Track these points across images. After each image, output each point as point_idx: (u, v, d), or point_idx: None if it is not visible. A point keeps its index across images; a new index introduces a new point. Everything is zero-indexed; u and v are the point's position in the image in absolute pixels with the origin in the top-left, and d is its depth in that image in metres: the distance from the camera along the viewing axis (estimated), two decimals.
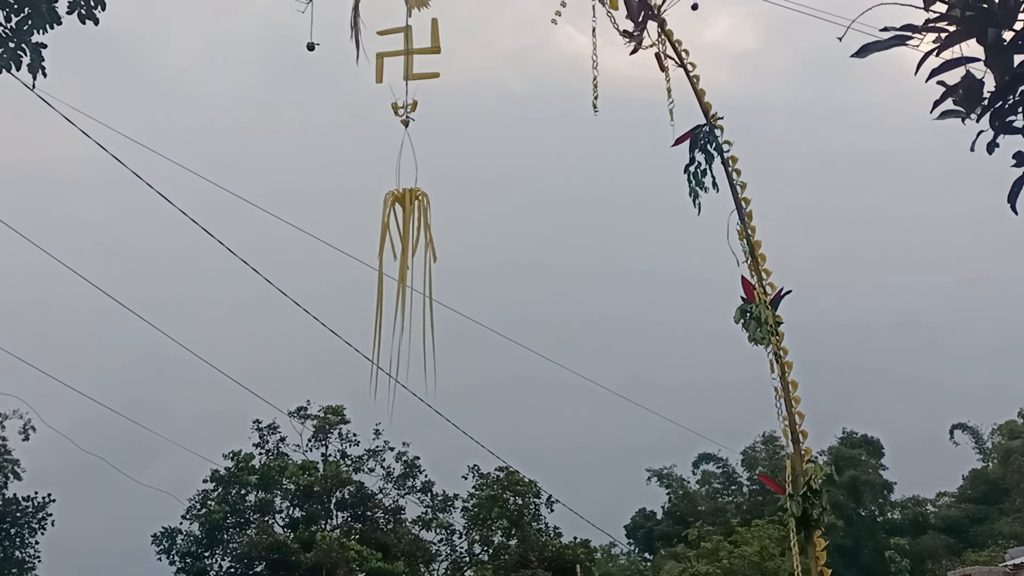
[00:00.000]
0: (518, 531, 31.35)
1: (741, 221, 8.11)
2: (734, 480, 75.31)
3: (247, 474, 30.87)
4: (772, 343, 8.18)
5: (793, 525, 8.32)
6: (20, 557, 33.81)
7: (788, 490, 8.20)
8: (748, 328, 8.30)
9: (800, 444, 8.24)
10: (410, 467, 32.69)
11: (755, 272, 8.16)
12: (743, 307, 8.19)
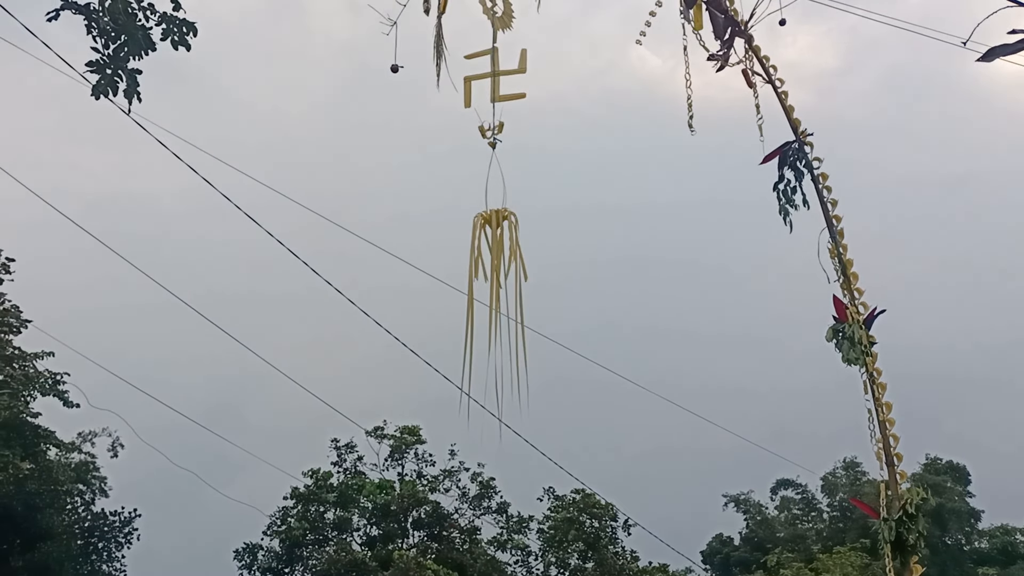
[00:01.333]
0: (595, 554, 31.11)
1: (832, 239, 7.99)
2: (814, 506, 73.74)
3: (326, 492, 31.25)
4: (866, 364, 8.02)
5: (888, 551, 8.10)
6: (107, 571, 34.67)
7: (882, 514, 8.01)
8: (841, 348, 8.16)
9: (895, 467, 8.06)
10: (485, 488, 32.74)
11: (847, 291, 8.04)
12: (835, 327, 8.05)
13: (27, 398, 33.84)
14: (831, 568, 41.22)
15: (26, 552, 29.66)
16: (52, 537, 30.46)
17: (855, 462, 72.05)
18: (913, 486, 8.04)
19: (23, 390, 32.49)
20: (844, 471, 71.88)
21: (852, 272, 8.05)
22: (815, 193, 8.05)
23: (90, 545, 33.88)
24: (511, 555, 32.56)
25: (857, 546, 47.06)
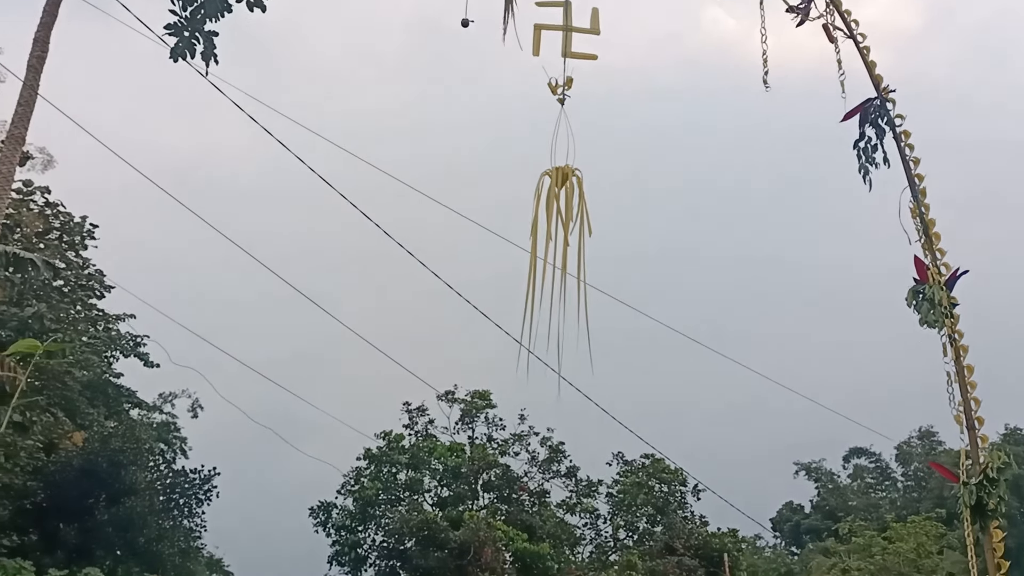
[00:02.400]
0: (663, 518, 31.16)
1: (914, 198, 7.81)
2: (887, 475, 72.76)
3: (398, 453, 31.74)
4: (946, 326, 7.86)
5: (967, 515, 7.96)
6: (188, 526, 35.81)
7: (962, 478, 7.87)
8: (920, 310, 7.99)
9: (976, 431, 7.89)
10: (555, 452, 32.93)
11: (929, 252, 7.86)
12: (915, 288, 7.88)
13: (110, 359, 34.94)
14: (905, 537, 40.57)
15: (111, 507, 30.69)
16: (135, 493, 31.46)
17: (930, 431, 70.83)
18: (995, 450, 7.86)
19: (106, 351, 33.52)
20: (919, 440, 70.73)
21: (934, 232, 7.86)
22: (896, 151, 7.86)
23: (172, 501, 34.95)
24: (580, 518, 32.82)
25: (932, 515, 46.29)
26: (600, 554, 31.05)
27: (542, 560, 28.94)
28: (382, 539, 30.23)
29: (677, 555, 29.27)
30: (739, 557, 32.10)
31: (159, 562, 32.84)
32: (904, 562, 39.42)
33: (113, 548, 31.07)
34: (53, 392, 27.09)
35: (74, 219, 29.34)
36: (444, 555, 28.28)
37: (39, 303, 24.56)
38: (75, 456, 30.00)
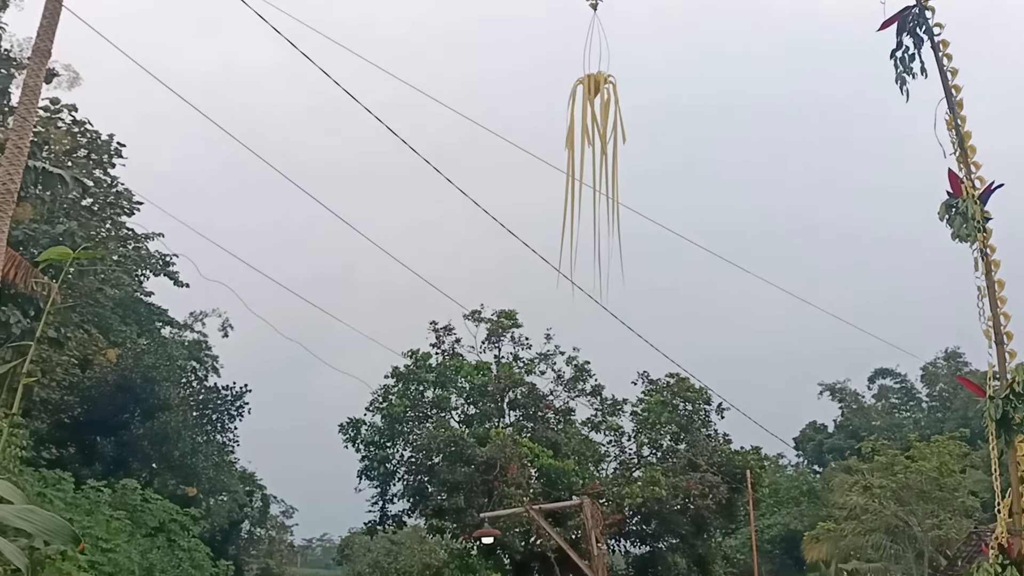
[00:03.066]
0: (687, 436, 31.46)
1: (951, 110, 7.66)
2: (912, 396, 73.00)
3: (425, 372, 32.11)
4: (979, 240, 7.78)
5: (992, 429, 7.99)
6: (221, 441, 36.72)
7: (988, 392, 7.88)
8: (952, 224, 7.91)
9: (1004, 345, 7.87)
10: (580, 371, 33.16)
11: (963, 165, 7.74)
12: (948, 202, 7.78)
13: (140, 278, 35.34)
14: (928, 456, 40.78)
15: (146, 421, 31.44)
16: (169, 408, 32.17)
17: (957, 352, 70.81)
18: (1022, 365, 7.85)
19: (137, 270, 33.90)
20: (945, 361, 70.71)
21: (969, 145, 7.74)
22: (934, 62, 7.70)
23: (205, 416, 35.76)
24: (604, 435, 33.16)
25: (956, 435, 46.48)
26: (624, 470, 31.43)
27: (567, 476, 29.42)
28: (410, 455, 30.80)
29: (700, 471, 29.66)
30: (761, 474, 32.45)
31: (193, 475, 33.73)
32: (926, 480, 39.70)
33: (149, 461, 31.92)
34: (86, 309, 27.52)
35: (101, 137, 29.44)
36: (471, 470, 28.81)
37: (69, 221, 24.79)
38: (109, 372, 30.63)
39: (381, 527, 32.05)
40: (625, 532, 30.53)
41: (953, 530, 38.73)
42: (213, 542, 35.59)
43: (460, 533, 29.39)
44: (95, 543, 19.32)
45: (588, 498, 12.63)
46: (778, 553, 59.91)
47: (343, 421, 31.71)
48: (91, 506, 21.54)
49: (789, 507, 61.14)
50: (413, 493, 30.64)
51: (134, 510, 24.67)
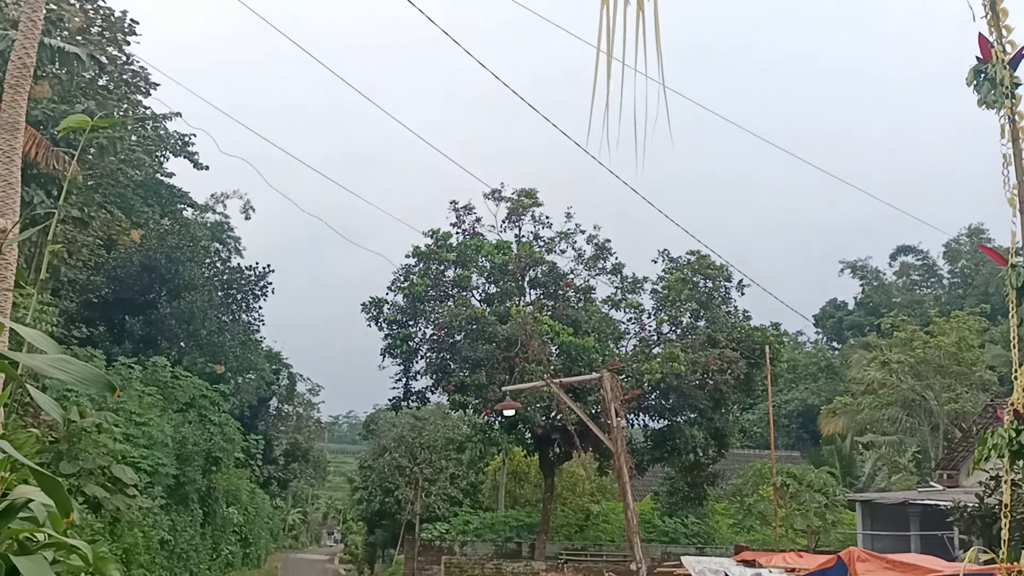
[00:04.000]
0: (707, 312, 31.60)
1: None
2: (934, 272, 72.91)
3: (445, 251, 32.24)
4: (1006, 106, 7.65)
5: (1013, 298, 8.00)
6: (247, 320, 37.37)
7: (1010, 260, 7.87)
8: (980, 90, 7.76)
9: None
10: (601, 249, 33.16)
11: (994, 28, 7.54)
12: (977, 67, 7.61)
13: (161, 159, 35.37)
14: (947, 332, 41.05)
15: (172, 300, 31.97)
16: (194, 288, 32.66)
17: (980, 228, 70.31)
18: None
19: (156, 151, 33.90)
20: (968, 237, 70.28)
21: (1001, 8, 7.52)
22: None
23: (229, 296, 36.31)
24: (624, 313, 33.34)
25: (976, 311, 46.63)
26: (643, 347, 31.75)
27: (587, 353, 29.80)
28: (432, 333, 31.20)
29: (719, 347, 29.94)
30: (780, 349, 32.69)
31: (221, 353, 34.48)
32: (945, 355, 40.09)
33: (177, 340, 32.59)
34: (108, 190, 27.69)
35: (114, 13, 29.03)
36: (492, 348, 29.24)
37: (87, 100, 24.70)
38: (134, 252, 31.03)
39: (405, 403, 32.75)
40: (644, 407, 31.05)
41: (969, 404, 39.28)
42: (242, 418, 36.66)
43: (482, 408, 29.97)
44: (129, 417, 19.93)
45: (608, 372, 12.82)
46: (795, 427, 61.05)
47: (365, 301, 32.07)
48: (123, 382, 22.12)
49: (807, 383, 61.99)
50: (436, 370, 31.14)
51: (165, 386, 25.33)
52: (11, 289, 3.92)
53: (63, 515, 2.90)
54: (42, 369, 2.39)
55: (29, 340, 2.38)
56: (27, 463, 2.57)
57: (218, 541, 33.32)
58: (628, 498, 11.64)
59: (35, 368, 2.40)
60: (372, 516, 46.14)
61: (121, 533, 16.46)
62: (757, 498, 32.97)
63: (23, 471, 4.43)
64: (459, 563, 29.60)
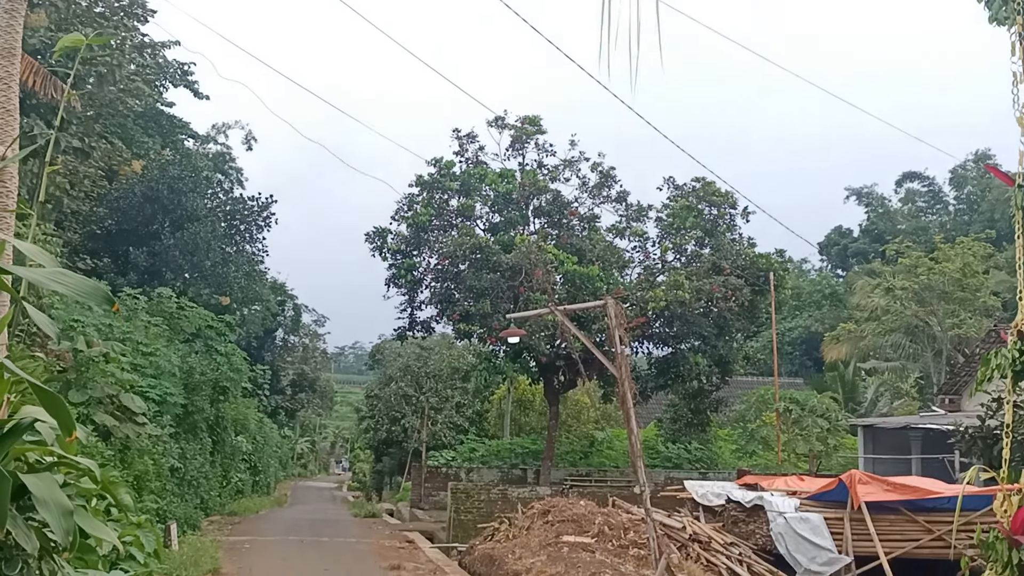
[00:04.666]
0: (711, 240, 31.51)
1: None
2: (939, 199, 72.54)
3: (449, 180, 32.04)
4: (1017, 23, 7.51)
5: (1019, 219, 7.94)
6: (251, 250, 37.35)
7: (1017, 181, 7.81)
8: (991, 7, 7.63)
9: None
10: (605, 177, 32.94)
11: None
12: None
13: (160, 88, 35.01)
14: (952, 258, 40.98)
15: (176, 231, 31.94)
16: (197, 219, 32.60)
17: (987, 154, 69.72)
18: None
19: (156, 80, 33.54)
20: (975, 163, 69.72)
21: None
22: None
23: (233, 227, 36.23)
24: (628, 242, 33.28)
25: (981, 236, 46.51)
26: (648, 275, 31.72)
27: (591, 281, 29.81)
28: (436, 262, 31.18)
29: (724, 275, 29.94)
30: (784, 276, 32.69)
31: (226, 284, 34.55)
32: (949, 281, 40.08)
33: (181, 271, 32.63)
34: (108, 120, 27.47)
35: None
36: (496, 277, 29.26)
37: (84, 27, 24.35)
38: (136, 183, 30.91)
39: (410, 333, 32.89)
40: (648, 335, 31.18)
41: (973, 329, 39.39)
42: (249, 349, 36.88)
43: (487, 337, 30.12)
44: (136, 347, 20.05)
45: (612, 299, 12.82)
46: (797, 355, 61.41)
47: (369, 231, 32.01)
48: (129, 313, 22.19)
49: (810, 310, 62.16)
50: (440, 300, 31.18)
51: (171, 317, 25.42)
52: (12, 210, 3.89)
53: (66, 433, 2.92)
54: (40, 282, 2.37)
55: (28, 255, 2.37)
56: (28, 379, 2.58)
57: (228, 469, 33.82)
58: (632, 423, 11.74)
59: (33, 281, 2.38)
60: (379, 444, 46.77)
61: (132, 460, 16.67)
62: (759, 424, 33.30)
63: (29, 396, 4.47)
64: (466, 489, 30.05)
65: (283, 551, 20.35)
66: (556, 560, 15.56)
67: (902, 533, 17.59)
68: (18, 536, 3.04)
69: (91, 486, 4.65)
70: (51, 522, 2.96)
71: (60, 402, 2.62)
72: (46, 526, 3.21)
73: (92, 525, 3.40)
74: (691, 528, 17.60)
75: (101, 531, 3.40)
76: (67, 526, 2.98)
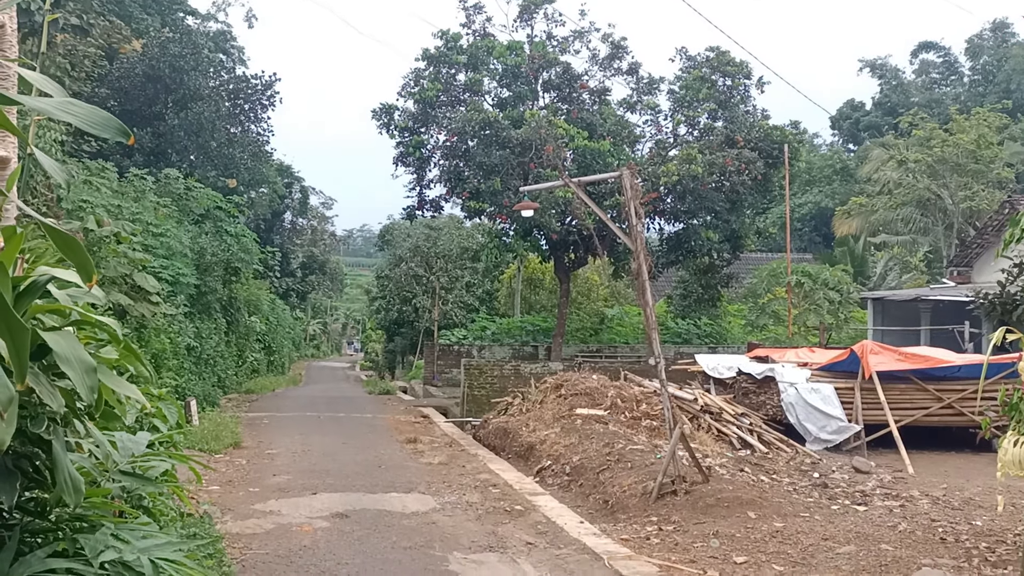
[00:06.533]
0: (725, 112, 30.87)
1: None
2: (955, 70, 70.99)
3: (456, 54, 31.28)
4: None
5: None
6: (255, 130, 36.88)
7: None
8: None
9: None
10: (616, 48, 32.12)
11: None
12: None
13: None
14: (967, 129, 40.34)
15: (179, 112, 31.47)
16: (201, 99, 32.07)
17: (1004, 23, 67.94)
18: None
19: None
20: (992, 33, 68.00)
21: None
22: None
23: (237, 107, 35.68)
24: (640, 115, 32.66)
25: (997, 107, 45.68)
26: (660, 150, 31.22)
27: (603, 157, 29.40)
28: (444, 139, 30.73)
29: (737, 148, 29.47)
30: (799, 148, 32.19)
31: (232, 166, 34.24)
32: (963, 153, 39.56)
33: (187, 153, 32.31)
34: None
35: None
36: (506, 153, 28.84)
37: None
38: (137, 62, 30.29)
39: (420, 212, 32.66)
40: (659, 210, 30.88)
41: (985, 202, 39.10)
42: (258, 232, 36.82)
43: (496, 215, 29.92)
44: (146, 228, 19.96)
45: (628, 170, 12.58)
46: (807, 231, 61.24)
47: (375, 107, 31.44)
48: (137, 194, 22.03)
49: (821, 185, 61.69)
50: (449, 178, 30.81)
51: (179, 198, 25.26)
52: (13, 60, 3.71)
53: (85, 278, 2.82)
54: (49, 112, 2.23)
55: (35, 84, 2.22)
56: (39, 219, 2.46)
57: (243, 349, 34.21)
58: (647, 296, 11.68)
59: (42, 111, 2.24)
60: (390, 324, 47.15)
61: (148, 339, 16.80)
62: (770, 298, 33.38)
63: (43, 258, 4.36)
64: (478, 365, 30.38)
65: (301, 426, 20.70)
66: (570, 432, 15.79)
67: (912, 401, 17.77)
68: (42, 394, 2.98)
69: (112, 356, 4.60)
70: (74, 379, 2.89)
71: (76, 244, 2.51)
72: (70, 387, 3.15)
73: (116, 382, 3.34)
74: (703, 400, 17.80)
75: (126, 388, 3.34)
76: (91, 383, 2.91)
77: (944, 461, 16.24)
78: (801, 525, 9.94)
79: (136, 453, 3.97)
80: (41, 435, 3.09)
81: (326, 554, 8.56)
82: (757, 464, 14.24)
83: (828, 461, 15.28)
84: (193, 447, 14.81)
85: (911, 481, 13.78)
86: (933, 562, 8.46)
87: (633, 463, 12.90)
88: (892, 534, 9.62)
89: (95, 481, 3.74)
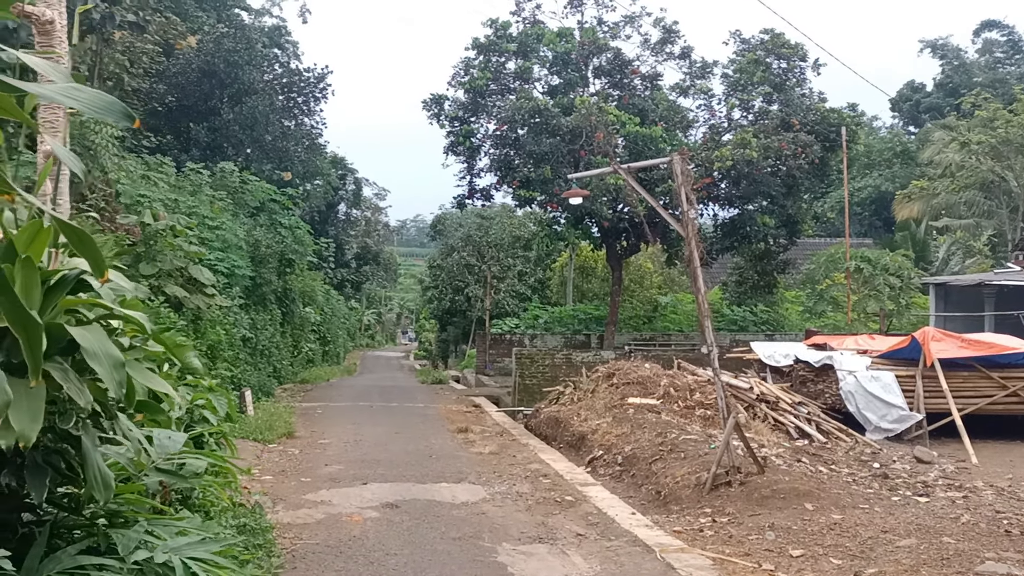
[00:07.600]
0: (780, 95, 30.30)
1: None
2: (1019, 49, 69.02)
3: (506, 42, 31.16)
4: None
5: None
6: (308, 123, 37.15)
7: None
8: None
9: None
10: (668, 33, 31.71)
11: None
12: None
13: None
14: None
15: (235, 106, 31.80)
16: (255, 93, 32.38)
17: None
18: None
19: None
20: None
21: None
22: None
23: (290, 100, 35.98)
24: (693, 100, 32.25)
25: None
26: (713, 135, 30.76)
27: (654, 143, 29.08)
28: (495, 128, 30.64)
29: (793, 131, 28.92)
30: (857, 131, 31.47)
31: (287, 159, 34.56)
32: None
33: (242, 146, 32.66)
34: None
35: None
36: (556, 141, 28.66)
37: None
38: (193, 58, 30.67)
39: (470, 200, 32.64)
40: (713, 196, 30.43)
41: None
42: (312, 223, 37.13)
43: (547, 203, 29.78)
44: (202, 221, 20.17)
45: (678, 156, 12.36)
46: (867, 215, 60.11)
47: (426, 98, 31.45)
48: (194, 188, 22.29)
49: (880, 169, 60.49)
50: (500, 166, 30.73)
51: (234, 191, 25.51)
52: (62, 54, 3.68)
53: (98, 275, 2.77)
54: (52, 99, 2.18)
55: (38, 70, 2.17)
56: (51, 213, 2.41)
57: (298, 339, 34.54)
58: (699, 283, 11.49)
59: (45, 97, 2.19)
60: (443, 314, 47.29)
61: (204, 330, 16.98)
62: (828, 284, 32.79)
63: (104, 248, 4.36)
64: (530, 354, 30.31)
65: (354, 416, 20.83)
66: (622, 421, 15.65)
67: (976, 389, 17.31)
68: (70, 390, 2.95)
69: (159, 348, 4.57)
70: (102, 374, 2.85)
71: (88, 239, 2.46)
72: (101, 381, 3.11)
73: (148, 377, 3.29)
74: (758, 388, 17.52)
75: (158, 384, 3.30)
76: (119, 377, 2.87)
77: (1009, 451, 15.81)
78: (860, 517, 9.70)
79: (172, 451, 3.94)
80: (70, 431, 3.05)
81: (375, 544, 8.55)
82: (815, 454, 13.98)
83: (889, 451, 14.95)
84: (247, 437, 14.95)
85: (975, 471, 13.42)
86: (997, 555, 8.19)
87: (686, 453, 12.72)
88: (955, 526, 9.35)
89: (129, 477, 3.71)
